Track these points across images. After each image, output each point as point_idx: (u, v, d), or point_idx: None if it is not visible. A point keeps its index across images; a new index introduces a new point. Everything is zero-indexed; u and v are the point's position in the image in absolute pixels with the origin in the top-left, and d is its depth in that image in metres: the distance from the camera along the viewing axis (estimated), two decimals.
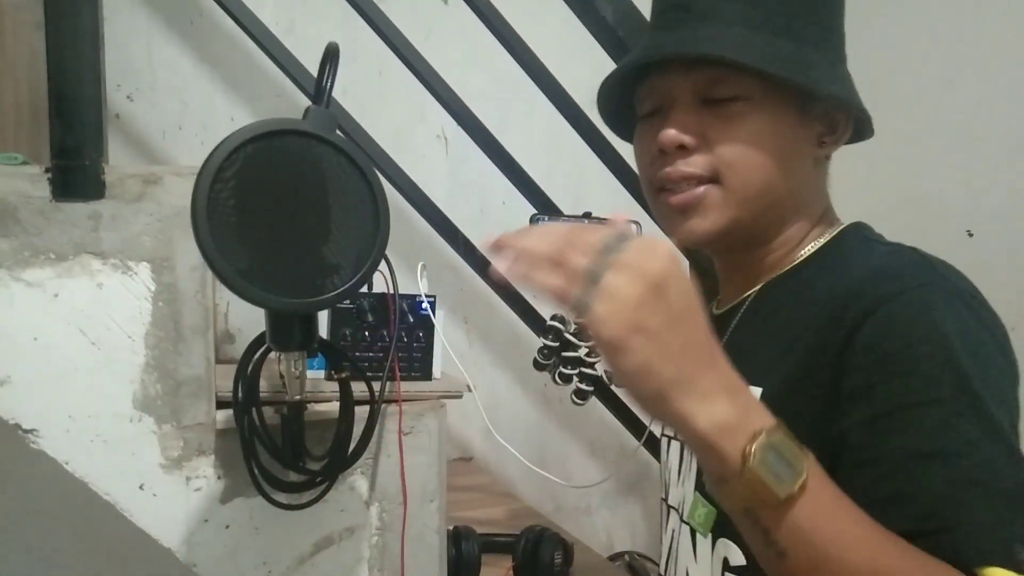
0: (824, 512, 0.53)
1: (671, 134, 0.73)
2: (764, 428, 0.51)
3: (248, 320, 1.75)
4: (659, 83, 0.76)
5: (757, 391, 0.69)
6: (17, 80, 1.29)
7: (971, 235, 1.80)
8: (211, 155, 0.65)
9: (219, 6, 1.51)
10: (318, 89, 0.78)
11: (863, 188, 2.03)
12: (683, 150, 0.73)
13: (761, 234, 0.77)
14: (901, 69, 1.87)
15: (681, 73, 0.74)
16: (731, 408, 0.51)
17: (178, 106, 1.78)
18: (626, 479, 2.22)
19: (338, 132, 0.71)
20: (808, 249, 0.76)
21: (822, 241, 0.77)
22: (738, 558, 0.69)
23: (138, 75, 1.74)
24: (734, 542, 0.69)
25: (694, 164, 0.73)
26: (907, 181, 1.89)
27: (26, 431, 0.84)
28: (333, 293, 0.69)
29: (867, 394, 0.58)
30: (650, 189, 0.79)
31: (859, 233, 0.77)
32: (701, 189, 0.73)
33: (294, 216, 0.69)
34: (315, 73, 1.49)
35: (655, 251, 0.50)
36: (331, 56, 0.71)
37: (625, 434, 2.11)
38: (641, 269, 0.49)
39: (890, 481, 0.56)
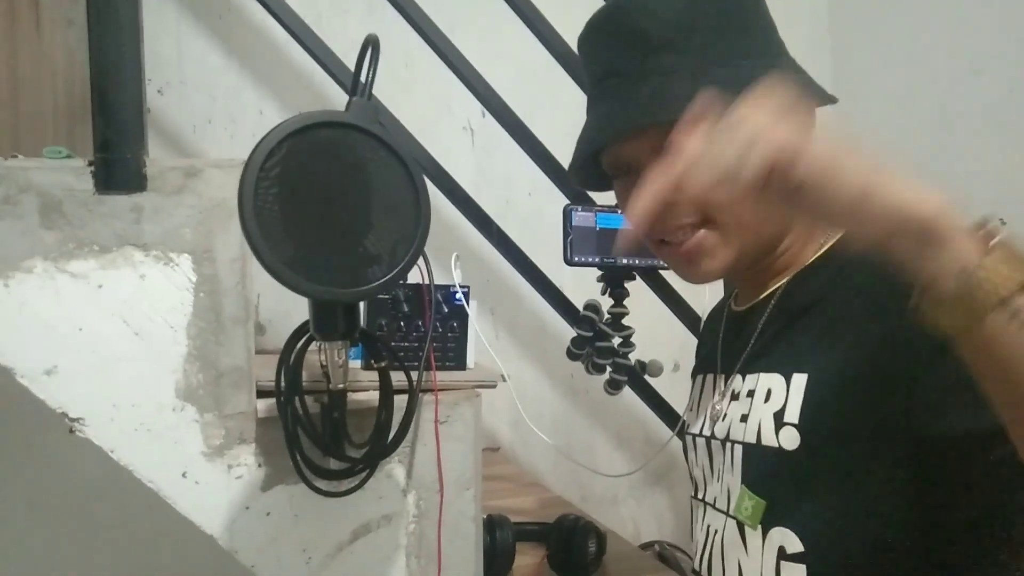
0: None
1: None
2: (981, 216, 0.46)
3: (278, 312, 1.77)
4: (620, 150, 0.78)
5: (802, 377, 0.69)
6: (55, 76, 1.31)
7: (1004, 223, 1.78)
8: (256, 147, 0.66)
9: None
10: (356, 81, 0.79)
11: None
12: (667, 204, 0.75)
13: (769, 246, 0.78)
14: (931, 57, 1.85)
15: (635, 138, 0.75)
16: (941, 193, 0.47)
17: (207, 100, 1.79)
18: (653, 469, 2.22)
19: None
20: (827, 240, 0.77)
21: (838, 232, 0.77)
22: (795, 545, 0.69)
23: (168, 69, 1.75)
24: (791, 529, 0.69)
25: (683, 214, 0.75)
26: (937, 168, 1.87)
27: (72, 420, 0.86)
28: (377, 283, 0.70)
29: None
30: (650, 242, 0.82)
31: None
32: (699, 234, 0.75)
33: (337, 207, 0.70)
34: (346, 64, 1.50)
35: (747, 110, 0.50)
36: (373, 48, 0.72)
37: (651, 425, 2.11)
38: (757, 110, 0.49)
39: None
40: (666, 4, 0.73)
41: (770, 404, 0.72)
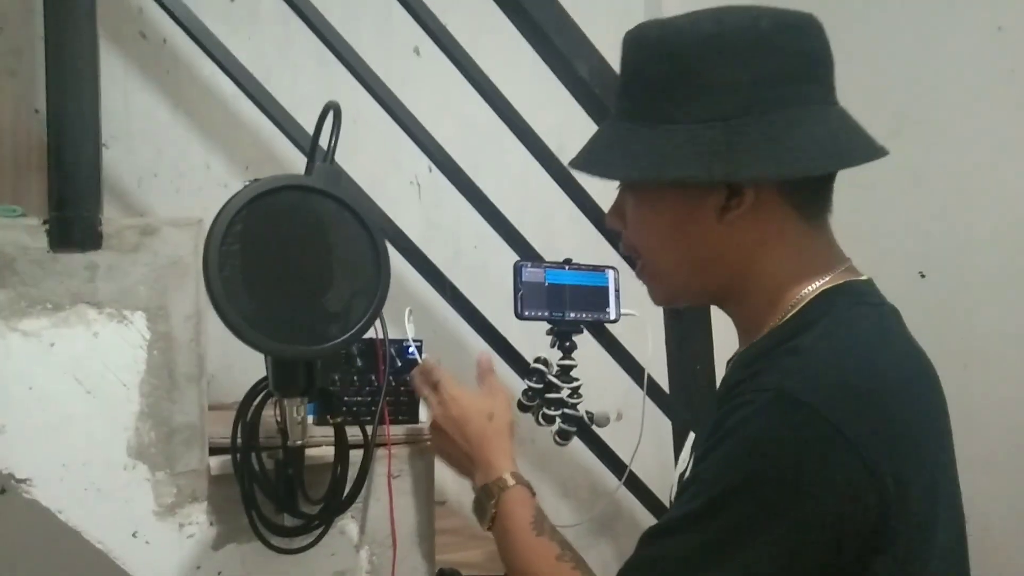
0: (506, 536, 0.87)
1: (607, 219, 0.85)
2: (485, 486, 0.91)
3: (221, 365, 1.74)
4: None
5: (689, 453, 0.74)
6: (2, 128, 1.30)
7: (923, 276, 1.88)
8: (223, 208, 0.68)
9: (203, 51, 1.53)
10: (315, 145, 0.81)
11: (824, 239, 2.10)
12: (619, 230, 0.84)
13: (724, 299, 0.81)
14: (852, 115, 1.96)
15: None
16: (481, 478, 0.93)
17: (153, 153, 1.79)
18: (599, 519, 2.24)
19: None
20: (779, 319, 0.75)
21: (799, 306, 0.75)
22: None
23: (114, 123, 1.74)
24: None
25: (623, 243, 0.84)
26: (860, 224, 1.97)
27: (19, 480, 0.84)
28: (337, 340, 0.72)
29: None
30: None
31: (828, 306, 0.74)
32: (638, 264, 0.83)
33: (298, 267, 0.72)
34: (296, 120, 1.52)
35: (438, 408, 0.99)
36: (335, 114, 0.74)
37: (598, 474, 2.13)
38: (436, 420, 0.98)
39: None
40: (636, 46, 0.76)
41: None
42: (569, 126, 1.72)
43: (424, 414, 1.10)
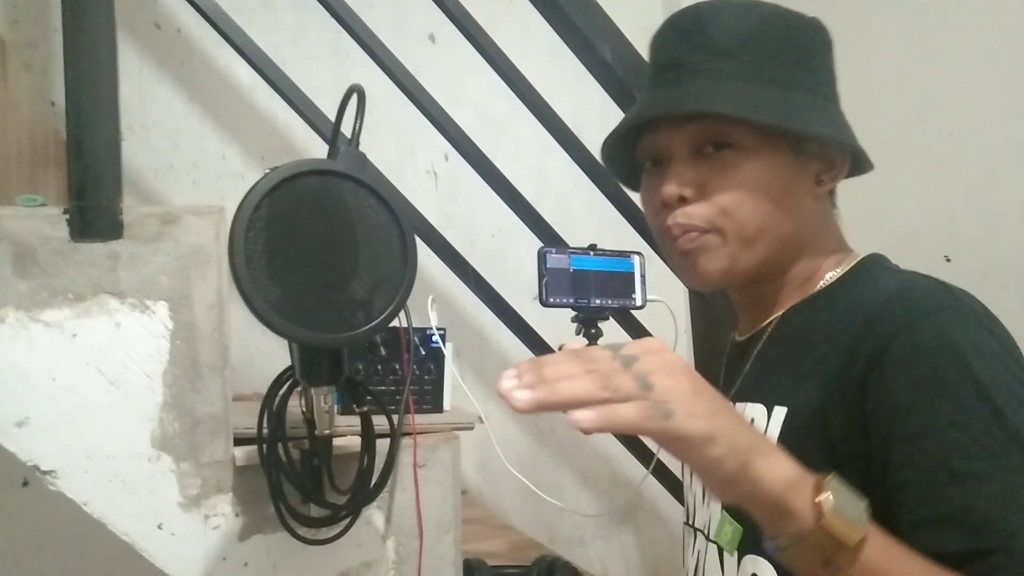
0: (889, 547, 0.56)
1: (671, 188, 0.77)
2: (820, 477, 0.55)
3: (241, 356, 1.74)
4: (656, 138, 0.80)
5: (782, 411, 0.71)
6: (19, 122, 1.29)
7: (948, 260, 1.85)
8: (248, 194, 0.66)
9: (221, 36, 1.52)
10: (336, 130, 0.80)
11: (842, 216, 2.08)
12: (683, 201, 0.77)
13: (771, 271, 0.80)
14: (875, 100, 1.93)
15: (675, 128, 0.78)
16: (788, 461, 0.54)
17: (169, 145, 1.78)
18: (619, 508, 2.23)
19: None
20: (827, 279, 0.79)
21: (840, 271, 0.79)
22: (768, 573, 0.70)
23: (130, 114, 1.74)
24: (765, 557, 0.70)
25: (693, 215, 0.77)
26: (885, 208, 1.94)
27: (44, 472, 0.83)
28: (365, 328, 0.70)
29: (900, 416, 0.61)
30: (659, 238, 0.83)
31: (877, 263, 0.79)
32: (702, 237, 0.77)
33: (324, 253, 0.71)
34: (317, 107, 1.50)
35: (656, 346, 0.53)
36: (359, 97, 0.73)
37: (617, 463, 2.12)
38: (668, 364, 0.52)
39: (933, 504, 0.59)
40: (737, 17, 0.77)
41: None
42: (584, 112, 1.71)
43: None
